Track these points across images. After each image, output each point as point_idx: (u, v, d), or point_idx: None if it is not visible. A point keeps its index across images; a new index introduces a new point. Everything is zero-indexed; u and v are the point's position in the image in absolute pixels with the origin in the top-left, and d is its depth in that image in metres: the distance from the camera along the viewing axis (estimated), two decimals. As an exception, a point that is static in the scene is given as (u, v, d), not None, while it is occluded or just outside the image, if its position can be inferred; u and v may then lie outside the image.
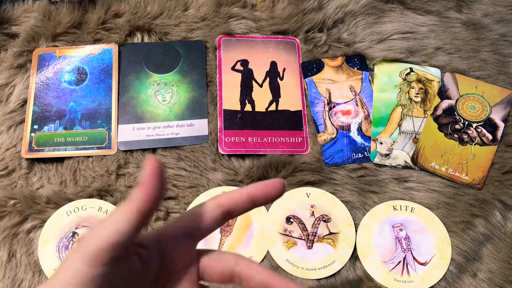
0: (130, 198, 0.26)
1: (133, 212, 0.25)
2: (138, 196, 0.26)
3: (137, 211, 0.26)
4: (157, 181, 0.26)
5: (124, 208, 0.26)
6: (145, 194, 0.26)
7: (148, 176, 0.26)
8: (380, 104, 0.59)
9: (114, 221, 0.25)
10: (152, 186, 0.26)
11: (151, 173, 0.26)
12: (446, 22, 0.64)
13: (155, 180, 0.26)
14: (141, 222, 0.26)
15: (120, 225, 0.25)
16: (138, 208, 0.26)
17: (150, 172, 0.26)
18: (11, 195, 0.51)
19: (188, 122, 0.57)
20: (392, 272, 0.50)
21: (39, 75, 0.58)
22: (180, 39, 0.61)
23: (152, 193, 0.26)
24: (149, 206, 0.26)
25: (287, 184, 0.53)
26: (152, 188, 0.26)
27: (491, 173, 0.55)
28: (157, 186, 0.26)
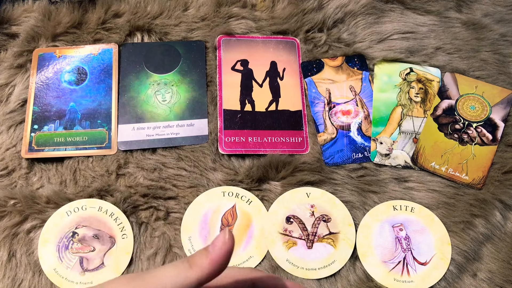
0: (195, 263, 0.25)
1: (193, 280, 0.25)
2: (204, 267, 0.25)
3: (197, 281, 0.25)
4: (227, 259, 0.25)
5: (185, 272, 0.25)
6: (211, 268, 0.25)
7: (222, 252, 0.25)
8: (380, 104, 0.59)
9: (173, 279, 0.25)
10: (221, 263, 0.25)
11: (226, 250, 0.25)
12: (446, 22, 0.64)
13: (226, 258, 0.25)
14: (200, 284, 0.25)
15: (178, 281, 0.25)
16: (199, 279, 0.25)
17: (225, 248, 0.25)
18: (11, 195, 0.51)
19: (188, 122, 0.57)
20: (392, 272, 0.50)
21: (39, 75, 0.58)
22: (180, 39, 0.61)
23: (218, 269, 0.25)
24: (210, 279, 0.25)
25: (287, 184, 0.54)
26: (220, 264, 0.25)
27: (491, 173, 0.55)
28: (225, 264, 0.26)
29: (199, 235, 0.51)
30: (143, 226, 0.52)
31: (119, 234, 0.51)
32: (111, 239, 0.50)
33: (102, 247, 0.50)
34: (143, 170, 0.54)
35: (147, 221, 0.52)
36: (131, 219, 0.52)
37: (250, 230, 0.52)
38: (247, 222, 0.52)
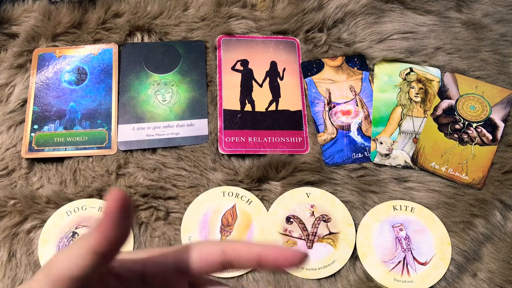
0: (90, 233, 0.23)
1: (87, 252, 0.23)
2: (94, 235, 0.22)
3: (93, 252, 0.23)
4: (118, 220, 0.22)
5: (82, 244, 0.23)
6: (101, 234, 0.22)
7: (107, 213, 0.22)
8: (380, 104, 0.59)
9: (73, 255, 0.23)
10: (111, 225, 0.22)
11: (111, 209, 0.22)
12: (446, 22, 0.64)
13: (115, 218, 0.22)
14: (100, 261, 0.23)
15: (79, 261, 0.23)
16: (92, 249, 0.23)
17: (110, 208, 0.22)
18: (11, 195, 0.51)
19: (188, 122, 0.57)
20: (392, 272, 0.50)
21: (39, 75, 0.58)
22: (180, 39, 0.61)
23: (110, 233, 0.22)
24: (106, 247, 0.23)
25: (287, 184, 0.54)
26: (110, 227, 0.22)
27: (491, 173, 0.55)
28: (118, 226, 0.22)
29: (199, 235, 0.51)
30: (143, 226, 0.52)
31: (119, 234, 0.51)
32: (111, 239, 0.50)
33: (102, 247, 0.50)
34: (143, 170, 0.54)
35: (147, 221, 0.52)
36: (131, 219, 0.51)
37: (250, 230, 0.52)
38: (247, 222, 0.52)
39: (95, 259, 0.23)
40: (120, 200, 0.22)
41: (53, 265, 0.24)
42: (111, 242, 0.23)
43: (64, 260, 0.23)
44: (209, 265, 0.26)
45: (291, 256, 0.25)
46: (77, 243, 0.23)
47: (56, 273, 0.23)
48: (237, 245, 0.26)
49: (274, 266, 0.26)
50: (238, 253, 0.26)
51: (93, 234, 0.23)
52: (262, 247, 0.25)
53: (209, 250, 0.26)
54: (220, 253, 0.26)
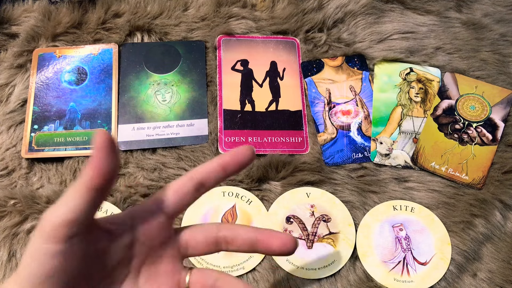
0: (82, 174, 0.25)
1: (84, 189, 0.25)
2: (88, 172, 0.25)
3: (89, 187, 0.25)
4: (107, 154, 0.25)
5: (75, 185, 0.25)
6: (95, 169, 0.25)
7: (98, 149, 0.25)
8: (380, 104, 0.59)
9: (67, 199, 0.25)
10: (102, 160, 0.25)
11: (100, 146, 0.25)
12: (446, 22, 0.64)
13: (105, 153, 0.25)
14: (95, 198, 0.25)
15: (73, 202, 0.24)
16: (88, 184, 0.25)
17: (99, 145, 0.25)
18: (11, 195, 0.51)
19: (188, 122, 0.57)
20: (392, 272, 0.50)
21: (39, 75, 0.58)
22: (180, 39, 0.61)
23: (103, 167, 0.25)
24: (101, 181, 0.25)
25: (287, 184, 0.54)
26: (102, 162, 0.25)
27: (491, 173, 0.55)
28: (108, 159, 0.25)
29: (199, 235, 0.51)
30: (143, 226, 0.51)
31: (119, 234, 0.51)
32: (111, 239, 0.50)
33: (102, 247, 0.50)
34: (143, 170, 0.54)
35: (147, 221, 0.52)
36: (131, 219, 0.51)
37: (250, 230, 0.52)
38: (247, 222, 0.52)
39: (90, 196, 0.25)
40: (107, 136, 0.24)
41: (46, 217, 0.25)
42: (104, 174, 0.25)
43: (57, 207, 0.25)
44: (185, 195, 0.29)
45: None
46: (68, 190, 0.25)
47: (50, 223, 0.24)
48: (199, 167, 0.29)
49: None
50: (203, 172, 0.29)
51: (86, 171, 0.25)
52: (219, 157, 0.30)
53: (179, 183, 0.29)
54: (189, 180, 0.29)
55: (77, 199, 0.25)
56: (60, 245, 0.24)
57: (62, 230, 0.24)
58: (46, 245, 0.24)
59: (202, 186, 0.29)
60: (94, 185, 0.25)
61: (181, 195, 0.29)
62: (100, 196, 0.25)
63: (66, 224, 0.24)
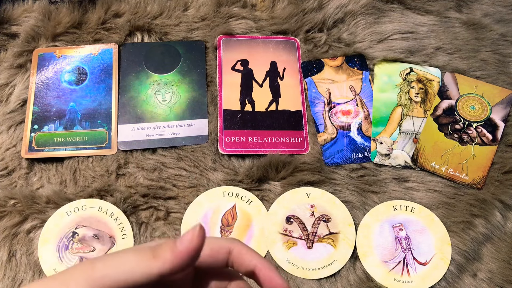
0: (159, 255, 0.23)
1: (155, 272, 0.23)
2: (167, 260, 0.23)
3: (159, 274, 0.23)
4: (194, 256, 0.24)
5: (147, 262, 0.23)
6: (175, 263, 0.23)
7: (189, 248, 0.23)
8: (380, 104, 0.59)
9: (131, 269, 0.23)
10: (187, 259, 0.23)
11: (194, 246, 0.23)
12: (446, 22, 0.64)
13: (193, 254, 0.24)
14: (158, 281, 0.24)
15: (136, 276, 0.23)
16: (161, 272, 0.23)
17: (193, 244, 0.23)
18: (11, 195, 0.51)
19: (188, 122, 0.57)
20: (392, 272, 0.50)
21: (39, 75, 0.58)
22: (180, 39, 0.61)
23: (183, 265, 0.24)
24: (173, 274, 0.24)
25: (287, 184, 0.54)
26: (186, 260, 0.23)
27: (491, 173, 0.55)
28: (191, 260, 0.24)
29: (199, 235, 0.51)
30: (143, 226, 0.52)
31: (119, 234, 0.51)
32: (111, 239, 0.50)
33: (102, 247, 0.50)
34: (143, 170, 0.54)
35: (147, 221, 0.52)
36: (131, 219, 0.52)
37: (250, 230, 0.52)
38: (247, 222, 0.52)
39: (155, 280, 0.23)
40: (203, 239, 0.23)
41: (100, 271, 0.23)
42: (180, 271, 0.24)
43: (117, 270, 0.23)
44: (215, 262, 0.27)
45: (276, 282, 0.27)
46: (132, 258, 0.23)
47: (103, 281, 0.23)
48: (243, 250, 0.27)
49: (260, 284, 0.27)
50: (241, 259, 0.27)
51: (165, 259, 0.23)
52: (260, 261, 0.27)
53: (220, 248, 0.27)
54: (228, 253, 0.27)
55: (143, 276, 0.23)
56: None
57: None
58: None
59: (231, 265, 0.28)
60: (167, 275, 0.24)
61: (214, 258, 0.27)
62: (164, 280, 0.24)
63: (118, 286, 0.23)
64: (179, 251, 0.23)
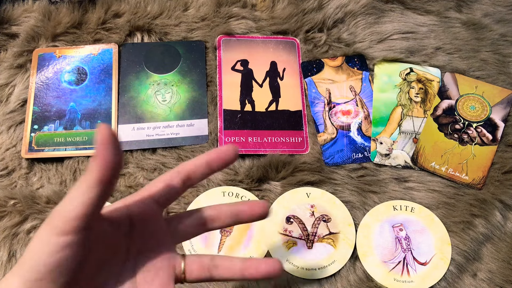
0: (88, 169, 0.26)
1: (93, 183, 0.26)
2: (95, 166, 0.26)
3: (97, 181, 0.26)
4: (111, 148, 0.26)
5: (84, 180, 0.26)
6: (101, 163, 0.26)
7: (101, 144, 0.26)
8: (380, 104, 0.59)
9: (77, 194, 0.26)
10: (108, 154, 0.26)
11: (104, 140, 0.26)
12: (446, 22, 0.64)
13: (109, 147, 0.26)
14: (103, 191, 0.26)
15: (83, 197, 0.26)
16: (97, 178, 0.26)
17: (102, 140, 0.26)
18: (11, 195, 0.51)
19: (188, 122, 0.57)
20: (392, 272, 0.50)
21: (39, 75, 0.58)
22: (180, 39, 0.61)
23: (109, 161, 0.26)
24: (108, 174, 0.26)
25: (287, 184, 0.54)
26: (107, 156, 0.26)
27: (491, 173, 0.55)
28: (113, 153, 0.26)
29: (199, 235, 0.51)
30: (143, 226, 0.51)
31: (119, 234, 0.51)
32: (111, 239, 0.50)
33: (102, 247, 0.50)
34: (143, 170, 0.54)
35: (147, 221, 0.52)
36: (131, 219, 0.52)
37: (250, 230, 0.52)
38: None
39: (98, 189, 0.26)
40: (109, 131, 0.25)
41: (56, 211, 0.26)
42: (109, 167, 0.26)
43: (67, 202, 0.26)
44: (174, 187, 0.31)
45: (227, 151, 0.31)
46: (75, 186, 0.26)
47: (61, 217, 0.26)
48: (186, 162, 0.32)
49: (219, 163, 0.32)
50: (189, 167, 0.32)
51: (92, 165, 0.26)
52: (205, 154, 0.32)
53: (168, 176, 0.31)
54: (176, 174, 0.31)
55: (86, 193, 0.26)
56: (70, 237, 0.26)
57: (73, 224, 0.25)
58: (56, 237, 0.25)
59: (188, 179, 0.32)
60: (101, 178, 0.26)
61: (170, 186, 0.31)
62: (107, 189, 0.26)
63: (77, 218, 0.25)
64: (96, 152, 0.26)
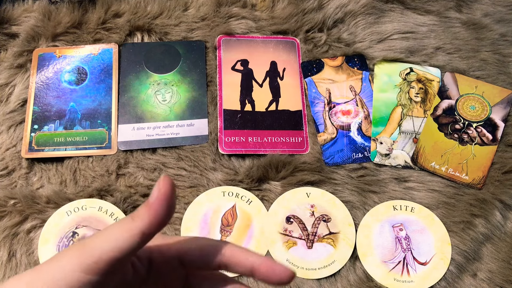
0: (137, 215, 0.25)
1: (136, 232, 0.24)
2: (144, 217, 0.25)
3: (141, 232, 0.25)
4: (167, 204, 0.25)
5: (128, 226, 0.25)
6: (152, 216, 0.25)
7: (159, 197, 0.24)
8: (380, 104, 0.59)
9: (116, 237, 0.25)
10: (161, 209, 0.25)
11: (162, 194, 0.24)
12: (446, 22, 0.64)
13: (165, 203, 0.25)
14: (143, 243, 0.25)
15: (122, 243, 0.24)
16: (142, 230, 0.25)
17: (161, 193, 0.24)
18: (11, 195, 0.51)
19: (188, 122, 0.57)
20: (392, 272, 0.50)
21: (39, 75, 0.58)
22: (180, 39, 0.61)
23: (160, 216, 0.25)
24: (154, 229, 0.25)
25: (287, 184, 0.54)
26: (160, 211, 0.25)
27: (491, 173, 0.55)
28: (166, 210, 0.25)
29: (199, 235, 0.51)
30: (143, 226, 0.51)
31: (119, 234, 0.51)
32: (111, 239, 0.50)
33: (102, 247, 0.50)
34: (143, 170, 0.54)
35: (147, 221, 0.52)
36: (131, 219, 0.51)
37: (250, 230, 0.52)
38: (247, 222, 0.52)
39: (139, 241, 0.25)
40: (170, 187, 0.25)
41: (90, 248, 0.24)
42: (158, 225, 0.25)
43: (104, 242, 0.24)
44: (207, 262, 0.27)
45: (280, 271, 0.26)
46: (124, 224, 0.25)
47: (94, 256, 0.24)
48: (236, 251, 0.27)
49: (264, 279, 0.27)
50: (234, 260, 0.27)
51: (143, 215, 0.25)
52: (257, 257, 0.27)
53: (210, 248, 0.27)
54: (220, 254, 0.27)
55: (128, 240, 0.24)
56: (98, 277, 0.24)
57: (105, 266, 0.24)
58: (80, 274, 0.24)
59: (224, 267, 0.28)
60: (147, 232, 0.25)
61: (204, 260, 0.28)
62: (146, 241, 0.25)
63: (109, 261, 0.24)
64: (152, 203, 0.25)
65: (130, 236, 0.24)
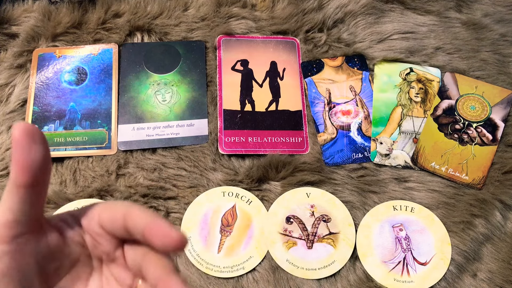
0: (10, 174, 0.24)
1: (13, 188, 0.24)
2: (12, 169, 0.23)
3: (16, 185, 0.23)
4: (26, 147, 0.23)
5: (7, 187, 0.24)
6: (16, 165, 0.23)
7: (15, 143, 0.23)
8: (380, 104, 0.59)
9: (4, 199, 0.24)
10: (21, 155, 0.23)
11: (17, 139, 0.23)
12: (446, 22, 0.64)
13: (23, 146, 0.23)
14: (28, 195, 0.24)
15: (8, 202, 0.24)
16: (16, 182, 0.23)
17: (16, 138, 0.23)
18: (11, 195, 0.51)
19: (188, 122, 0.57)
20: (392, 272, 0.50)
21: (39, 75, 0.58)
22: (180, 39, 0.61)
23: (24, 162, 0.23)
24: (26, 177, 0.23)
25: (287, 184, 0.53)
26: (21, 157, 0.23)
27: (491, 173, 0.55)
28: (29, 153, 0.23)
29: (199, 235, 0.51)
30: (143, 226, 0.51)
31: (119, 234, 0.51)
32: (111, 239, 0.50)
33: (102, 247, 0.50)
34: (143, 170, 0.54)
35: (147, 221, 0.52)
36: (131, 219, 0.51)
37: (250, 230, 0.52)
38: (247, 222, 0.52)
39: (21, 194, 0.24)
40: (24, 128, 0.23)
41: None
42: (28, 169, 0.23)
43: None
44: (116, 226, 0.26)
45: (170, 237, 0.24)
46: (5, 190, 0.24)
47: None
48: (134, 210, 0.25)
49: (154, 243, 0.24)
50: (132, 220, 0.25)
51: (11, 168, 0.24)
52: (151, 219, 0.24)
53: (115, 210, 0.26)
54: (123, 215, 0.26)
55: (11, 198, 0.24)
56: (5, 245, 0.24)
57: (4, 231, 0.24)
58: None
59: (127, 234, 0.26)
60: (21, 182, 0.24)
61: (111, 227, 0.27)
62: (33, 192, 0.24)
63: (7, 225, 0.24)
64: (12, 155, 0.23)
65: (10, 194, 0.24)
